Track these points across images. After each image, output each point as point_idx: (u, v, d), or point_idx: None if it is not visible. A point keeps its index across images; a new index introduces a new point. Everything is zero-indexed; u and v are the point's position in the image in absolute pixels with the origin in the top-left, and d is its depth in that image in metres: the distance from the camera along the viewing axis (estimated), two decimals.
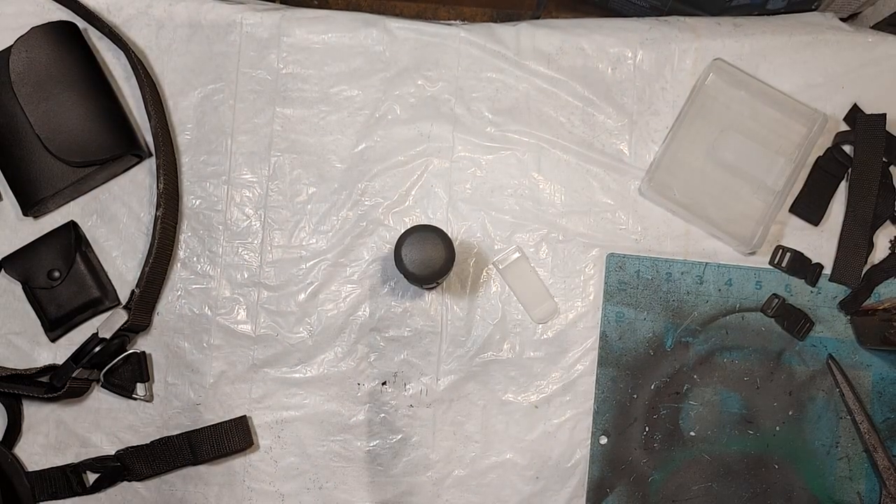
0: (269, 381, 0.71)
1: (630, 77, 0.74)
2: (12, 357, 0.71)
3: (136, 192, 0.73)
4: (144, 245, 0.72)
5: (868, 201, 0.71)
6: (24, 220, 0.72)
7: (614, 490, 0.70)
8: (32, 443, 0.70)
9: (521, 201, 0.73)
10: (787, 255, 0.71)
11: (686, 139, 0.72)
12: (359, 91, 0.74)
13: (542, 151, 0.73)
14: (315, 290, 0.72)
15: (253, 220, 0.73)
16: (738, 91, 0.72)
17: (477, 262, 0.72)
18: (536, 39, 0.74)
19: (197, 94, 0.74)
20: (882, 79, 0.73)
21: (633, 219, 0.73)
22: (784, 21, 0.75)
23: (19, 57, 0.68)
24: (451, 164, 0.73)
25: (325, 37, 0.74)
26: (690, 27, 0.74)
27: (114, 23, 0.73)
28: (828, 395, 0.71)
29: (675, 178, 0.71)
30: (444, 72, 0.74)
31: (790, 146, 0.72)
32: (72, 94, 0.69)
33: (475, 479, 0.70)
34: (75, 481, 0.69)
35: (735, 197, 0.71)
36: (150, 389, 0.71)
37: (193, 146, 0.73)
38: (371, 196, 0.73)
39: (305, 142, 0.73)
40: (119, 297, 0.72)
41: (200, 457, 0.69)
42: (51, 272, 0.70)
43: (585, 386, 0.71)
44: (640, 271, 0.72)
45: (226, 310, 0.72)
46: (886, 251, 0.72)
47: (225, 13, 0.74)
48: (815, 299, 0.72)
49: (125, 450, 0.69)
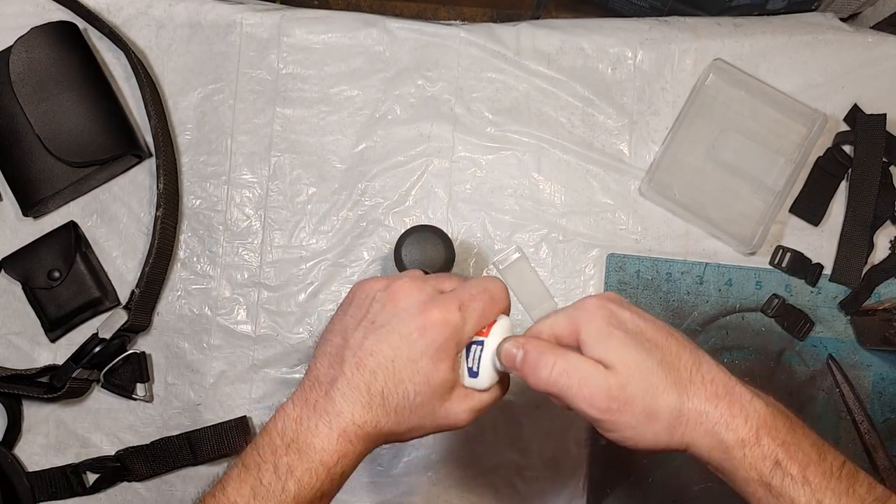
0: (270, 381, 0.71)
1: (630, 77, 0.74)
2: (12, 357, 0.71)
3: (136, 192, 0.73)
4: (144, 245, 0.72)
5: (868, 201, 0.71)
6: (24, 220, 0.72)
7: (614, 490, 0.70)
8: (32, 443, 0.70)
9: (521, 201, 0.73)
10: (787, 256, 0.71)
11: (686, 139, 0.72)
12: (359, 91, 0.74)
13: (542, 151, 0.73)
14: (315, 290, 0.72)
15: (253, 220, 0.73)
16: (738, 91, 0.72)
17: (477, 262, 0.72)
18: (536, 39, 0.74)
19: (197, 94, 0.74)
20: (882, 79, 0.73)
21: (633, 219, 0.73)
22: (784, 21, 0.75)
23: (19, 57, 0.68)
24: (451, 164, 0.73)
25: (325, 37, 0.74)
26: (690, 27, 0.74)
27: (114, 23, 0.73)
28: (828, 395, 0.71)
29: (675, 178, 0.71)
30: (444, 72, 0.74)
31: (790, 146, 0.72)
32: (72, 94, 0.69)
33: (475, 479, 0.70)
34: (75, 481, 0.69)
35: (735, 197, 0.71)
36: (150, 389, 0.71)
37: (193, 146, 0.73)
38: (371, 196, 0.73)
39: (305, 142, 0.73)
40: (119, 297, 0.72)
41: (200, 457, 0.69)
42: (51, 272, 0.70)
43: None
44: (640, 271, 0.72)
45: (226, 310, 0.72)
46: (886, 251, 0.72)
47: (225, 13, 0.74)
48: (816, 299, 0.72)
49: (125, 450, 0.69)
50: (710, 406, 0.42)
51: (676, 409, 0.42)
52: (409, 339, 0.45)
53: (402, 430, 0.46)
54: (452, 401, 0.46)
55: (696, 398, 0.42)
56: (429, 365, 0.45)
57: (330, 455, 0.44)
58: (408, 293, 0.46)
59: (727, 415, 0.42)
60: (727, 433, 0.42)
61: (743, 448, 0.42)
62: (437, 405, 0.46)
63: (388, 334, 0.45)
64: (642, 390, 0.42)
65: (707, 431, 0.42)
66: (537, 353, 0.44)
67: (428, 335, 0.45)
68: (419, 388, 0.45)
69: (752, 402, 0.42)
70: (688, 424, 0.42)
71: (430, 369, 0.45)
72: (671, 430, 0.43)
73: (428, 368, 0.45)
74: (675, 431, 0.43)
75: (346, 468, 0.45)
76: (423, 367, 0.45)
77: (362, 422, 0.44)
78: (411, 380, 0.44)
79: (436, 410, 0.46)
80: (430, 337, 0.45)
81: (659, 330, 0.45)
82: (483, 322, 0.47)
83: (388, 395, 0.44)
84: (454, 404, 0.46)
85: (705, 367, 0.44)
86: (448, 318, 0.45)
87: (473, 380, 0.47)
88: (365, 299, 0.48)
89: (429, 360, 0.45)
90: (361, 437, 0.44)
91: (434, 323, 0.45)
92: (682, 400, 0.42)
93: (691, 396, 0.42)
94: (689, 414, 0.42)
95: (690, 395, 0.42)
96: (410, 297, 0.46)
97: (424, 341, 0.45)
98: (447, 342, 0.45)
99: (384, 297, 0.47)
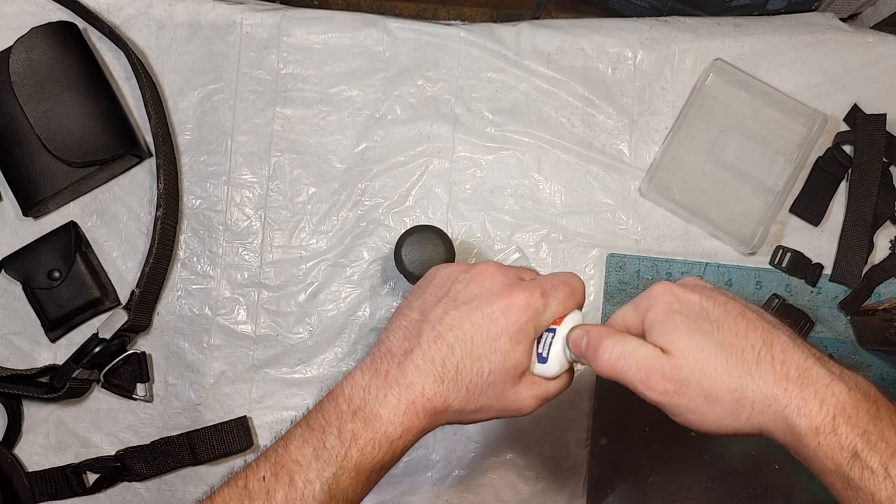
0: (270, 381, 0.71)
1: (630, 77, 0.74)
2: (12, 357, 0.71)
3: (136, 192, 0.73)
4: (144, 245, 0.72)
5: (868, 201, 0.71)
6: (24, 220, 0.72)
7: (614, 490, 0.70)
8: (32, 443, 0.70)
9: (521, 201, 0.73)
10: (787, 255, 0.71)
11: (686, 139, 0.72)
12: (359, 91, 0.74)
13: (542, 151, 0.73)
14: (315, 290, 0.72)
15: (253, 220, 0.73)
16: (738, 91, 0.72)
17: (477, 262, 0.72)
18: (536, 39, 0.74)
19: (197, 94, 0.74)
20: (882, 79, 0.73)
21: (633, 219, 0.73)
22: (784, 21, 0.75)
23: (19, 57, 0.68)
24: (451, 164, 0.73)
25: (325, 37, 0.74)
26: (690, 27, 0.74)
27: (114, 23, 0.73)
28: None
29: (675, 178, 0.71)
30: (444, 72, 0.74)
31: (790, 146, 0.72)
32: (72, 94, 0.69)
33: (475, 479, 0.70)
34: (75, 481, 0.69)
35: (735, 197, 0.71)
36: (150, 390, 0.71)
37: (193, 146, 0.73)
38: (371, 196, 0.73)
39: (305, 142, 0.73)
40: (119, 298, 0.72)
41: (200, 457, 0.69)
42: (51, 272, 0.70)
43: (585, 386, 0.70)
44: (640, 271, 0.72)
45: (226, 310, 0.72)
46: (886, 251, 0.72)
47: (225, 13, 0.74)
48: (815, 299, 0.72)
49: (125, 450, 0.69)
50: (778, 389, 0.40)
51: (737, 391, 0.41)
52: (491, 318, 0.45)
53: (470, 409, 0.46)
54: (521, 385, 0.47)
55: (761, 380, 0.40)
56: (507, 345, 0.45)
57: (395, 427, 0.44)
58: (493, 275, 0.47)
59: (798, 398, 0.40)
60: (799, 418, 0.39)
61: (817, 436, 0.39)
62: (508, 387, 0.46)
63: (471, 312, 0.46)
64: (698, 372, 0.41)
65: (776, 415, 0.40)
66: (598, 338, 0.45)
67: (510, 315, 0.45)
68: (494, 367, 0.45)
69: (831, 386, 0.40)
70: (753, 408, 0.41)
71: (507, 349, 0.45)
72: (735, 413, 0.41)
73: (506, 348, 0.45)
74: (739, 415, 0.41)
75: (408, 443, 0.45)
76: (502, 346, 0.45)
77: (432, 394, 0.44)
78: (488, 357, 0.45)
79: (505, 392, 0.46)
80: (512, 317, 0.45)
81: (728, 311, 0.43)
82: (562, 311, 0.48)
83: (463, 370, 0.45)
84: (522, 389, 0.47)
85: (777, 348, 0.41)
86: (531, 301, 0.46)
87: (542, 366, 0.47)
88: (447, 280, 0.48)
89: (507, 340, 0.45)
90: (429, 411, 0.44)
91: (518, 304, 0.46)
92: (745, 381, 0.41)
93: (756, 378, 0.41)
94: (754, 396, 0.40)
95: (755, 376, 0.41)
96: (495, 279, 0.47)
97: (506, 321, 0.45)
98: (527, 325, 0.46)
99: (467, 278, 0.48)
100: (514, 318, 0.45)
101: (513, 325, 0.45)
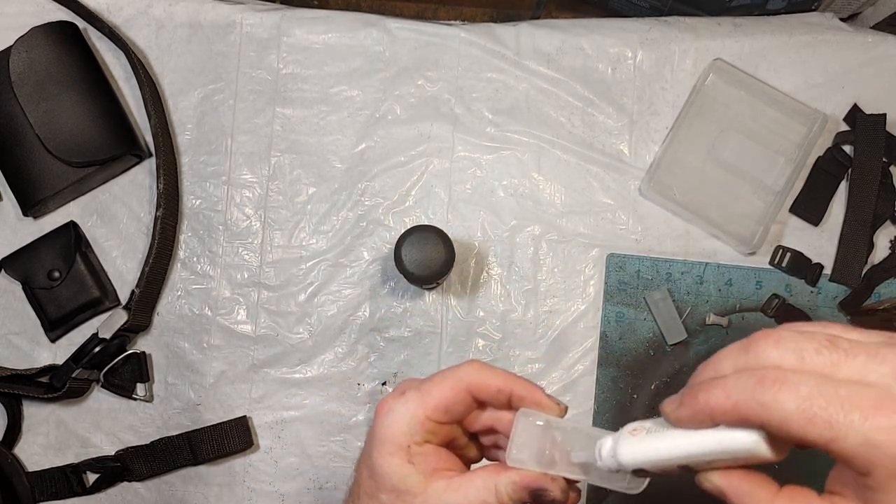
0: (270, 381, 0.71)
1: (630, 77, 0.74)
2: (12, 357, 0.71)
3: (136, 192, 0.73)
4: (144, 245, 0.72)
5: (868, 201, 0.71)
6: (24, 220, 0.72)
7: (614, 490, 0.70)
8: (32, 443, 0.70)
9: (521, 201, 0.73)
10: (787, 255, 0.71)
11: (686, 139, 0.72)
12: (359, 91, 0.74)
13: (542, 151, 0.73)
14: (315, 290, 0.72)
15: (253, 220, 0.73)
16: (738, 91, 0.72)
17: (477, 262, 0.72)
18: (536, 39, 0.74)
19: (197, 94, 0.74)
20: (882, 79, 0.73)
21: (633, 219, 0.73)
22: (784, 21, 0.75)
23: (19, 57, 0.68)
24: (451, 164, 0.73)
25: (325, 37, 0.74)
26: (690, 27, 0.74)
27: (114, 23, 0.73)
28: None
29: (675, 178, 0.71)
30: (444, 72, 0.74)
31: (790, 146, 0.72)
32: (72, 94, 0.69)
33: None
34: (75, 481, 0.69)
35: (735, 197, 0.71)
36: (150, 389, 0.71)
37: (193, 146, 0.73)
38: (371, 196, 0.73)
39: (305, 142, 0.73)
40: (119, 297, 0.72)
41: (200, 457, 0.69)
42: (51, 272, 0.70)
43: (585, 386, 0.70)
44: (640, 271, 0.72)
45: (226, 310, 0.72)
46: (886, 251, 0.72)
47: (225, 13, 0.74)
48: (815, 299, 0.72)
49: (125, 450, 0.69)
50: None
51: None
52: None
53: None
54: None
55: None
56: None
57: None
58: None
59: None
60: None
61: None
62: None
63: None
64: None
65: None
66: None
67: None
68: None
69: None
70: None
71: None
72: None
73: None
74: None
75: None
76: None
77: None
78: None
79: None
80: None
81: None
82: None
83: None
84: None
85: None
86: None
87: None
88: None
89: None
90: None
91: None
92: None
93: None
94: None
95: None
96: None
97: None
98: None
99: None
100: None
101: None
